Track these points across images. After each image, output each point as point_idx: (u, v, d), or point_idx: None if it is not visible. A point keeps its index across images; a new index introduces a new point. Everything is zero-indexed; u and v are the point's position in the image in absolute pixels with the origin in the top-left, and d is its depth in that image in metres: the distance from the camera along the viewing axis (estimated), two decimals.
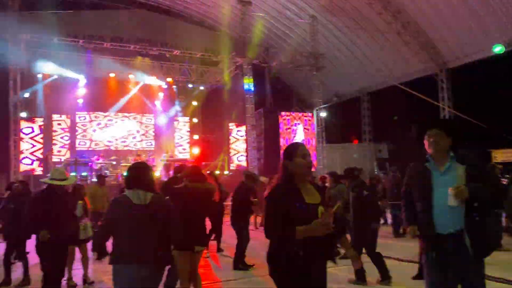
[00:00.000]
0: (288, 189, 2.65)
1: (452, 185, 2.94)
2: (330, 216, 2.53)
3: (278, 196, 2.64)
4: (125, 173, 15.99)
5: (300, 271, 2.54)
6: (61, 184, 4.80)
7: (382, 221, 12.00)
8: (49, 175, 5.06)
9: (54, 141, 18.15)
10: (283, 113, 19.39)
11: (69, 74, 18.79)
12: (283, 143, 18.77)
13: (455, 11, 15.60)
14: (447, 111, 17.79)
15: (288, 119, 19.46)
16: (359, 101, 22.75)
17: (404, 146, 19.56)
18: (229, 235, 9.13)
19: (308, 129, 19.80)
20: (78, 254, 6.36)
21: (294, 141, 18.82)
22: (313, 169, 19.03)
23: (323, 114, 19.81)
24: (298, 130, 19.54)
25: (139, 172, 3.50)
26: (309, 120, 19.91)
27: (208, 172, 7.12)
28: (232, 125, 19.68)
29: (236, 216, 7.26)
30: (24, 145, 15.75)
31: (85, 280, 6.29)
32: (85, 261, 6.38)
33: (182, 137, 21.48)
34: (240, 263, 6.99)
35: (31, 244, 5.27)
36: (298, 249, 2.52)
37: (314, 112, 19.86)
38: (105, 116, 20.04)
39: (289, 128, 19.26)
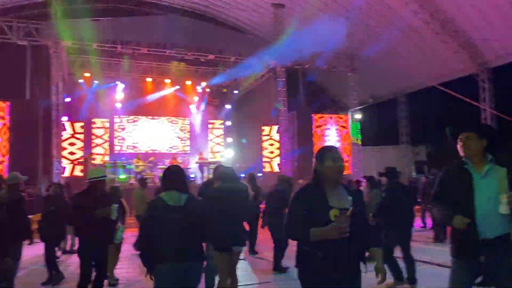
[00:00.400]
0: (313, 191, 2.65)
1: (495, 188, 2.85)
2: (345, 220, 2.49)
3: (302, 198, 2.66)
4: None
5: (324, 275, 2.52)
6: (103, 180, 4.90)
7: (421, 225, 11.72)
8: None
9: (93, 144, 18.78)
10: (316, 115, 19.22)
11: (108, 79, 19.45)
12: (316, 145, 18.61)
13: (497, 8, 15.02)
14: (488, 112, 17.12)
15: (322, 121, 19.27)
16: (395, 103, 22.26)
17: (443, 149, 19.02)
18: (260, 238, 9.17)
19: (342, 132, 19.54)
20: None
21: (328, 143, 18.64)
22: (348, 173, 18.78)
23: (358, 116, 19.50)
24: (332, 132, 19.32)
25: (174, 174, 3.62)
26: (344, 122, 19.64)
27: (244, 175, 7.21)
28: (265, 128, 19.72)
29: (272, 219, 7.24)
30: (65, 149, 16.36)
31: (109, 278, 6.46)
32: (114, 260, 6.56)
33: (216, 140, 21.75)
34: (277, 265, 6.97)
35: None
36: (316, 251, 2.50)
37: (349, 114, 19.59)
38: (142, 120, 20.56)
39: (322, 130, 19.08)
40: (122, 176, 16.84)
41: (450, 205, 3.03)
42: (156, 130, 20.77)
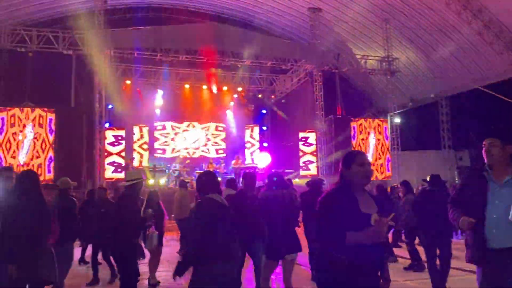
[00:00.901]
0: (343, 196, 2.63)
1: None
2: (384, 225, 2.45)
3: (332, 202, 2.63)
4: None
5: (350, 281, 2.49)
6: (140, 182, 4.98)
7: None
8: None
9: (134, 149, 19.28)
10: (355, 119, 18.93)
11: (148, 86, 20.01)
12: (355, 150, 18.32)
13: None
14: None
15: (360, 125, 18.96)
16: (437, 106, 21.62)
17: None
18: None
19: (381, 136, 19.15)
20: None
21: (367, 148, 18.33)
22: (388, 178, 18.38)
23: (398, 120, 19.07)
24: (371, 136, 18.97)
25: (214, 179, 3.78)
26: (383, 126, 19.24)
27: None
28: (302, 133, 19.61)
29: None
30: (108, 154, 16.87)
31: (150, 280, 6.58)
32: (155, 262, 6.69)
33: (252, 145, 21.85)
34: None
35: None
36: (344, 257, 2.47)
37: (388, 118, 19.19)
38: (180, 125, 20.97)
39: (361, 135, 18.77)
40: (162, 181, 17.19)
41: (464, 210, 2.99)
42: (194, 135, 21.12)
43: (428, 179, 6.34)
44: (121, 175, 17.00)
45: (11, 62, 15.06)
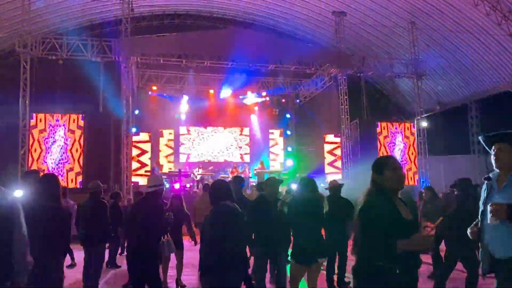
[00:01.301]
0: (385, 204, 2.56)
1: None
2: (432, 231, 2.42)
3: (376, 212, 2.54)
4: None
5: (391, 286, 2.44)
6: (161, 188, 5.07)
7: None
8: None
9: (160, 154, 19.59)
10: (380, 123, 18.68)
11: (173, 91, 20.33)
12: (381, 154, 18.08)
13: None
14: None
15: (386, 129, 18.70)
16: (465, 109, 21.10)
17: None
18: None
19: (408, 140, 18.82)
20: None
21: (393, 152, 18.03)
22: (415, 183, 18.03)
23: (425, 124, 18.70)
24: (397, 141, 18.67)
25: (227, 186, 3.94)
26: (410, 130, 18.91)
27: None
28: (327, 137, 19.50)
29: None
30: (134, 158, 17.19)
31: (177, 283, 6.67)
32: (179, 266, 6.77)
33: (276, 149, 21.86)
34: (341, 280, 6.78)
35: None
36: (393, 265, 2.41)
37: (415, 122, 18.84)
38: (205, 130, 21.18)
39: (387, 139, 18.50)
40: (186, 185, 17.37)
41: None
42: (218, 140, 21.29)
43: (455, 183, 6.15)
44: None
45: (43, 69, 15.51)
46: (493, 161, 2.95)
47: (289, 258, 4.84)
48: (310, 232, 4.53)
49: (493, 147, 2.98)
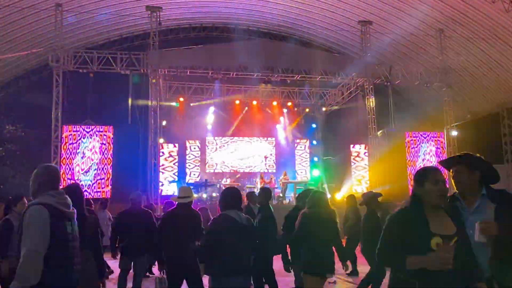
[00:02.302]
0: (413, 215, 2.47)
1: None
2: (449, 250, 2.28)
3: (399, 221, 2.49)
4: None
5: None
6: (186, 201, 5.22)
7: None
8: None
9: (187, 164, 19.78)
10: (409, 133, 18.34)
11: (200, 102, 20.58)
12: (409, 165, 17.74)
13: None
14: None
15: (415, 138, 18.34)
16: (497, 118, 20.49)
17: None
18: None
19: (438, 150, 18.39)
20: None
21: (423, 163, 17.65)
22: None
23: (455, 133, 18.25)
24: (427, 151, 18.28)
25: (236, 194, 3.91)
26: (440, 140, 18.49)
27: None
28: (354, 147, 19.28)
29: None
30: (162, 169, 17.41)
31: None
32: None
33: (302, 159, 21.74)
34: None
35: None
36: (414, 280, 2.32)
37: (445, 131, 18.42)
38: (231, 140, 21.28)
39: (416, 148, 18.14)
40: (214, 195, 17.44)
41: None
42: (245, 150, 21.33)
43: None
44: (175, 190, 17.48)
45: (74, 82, 15.99)
46: (454, 185, 2.94)
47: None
48: (319, 247, 4.65)
49: (451, 171, 2.96)
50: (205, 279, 3.95)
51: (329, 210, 4.95)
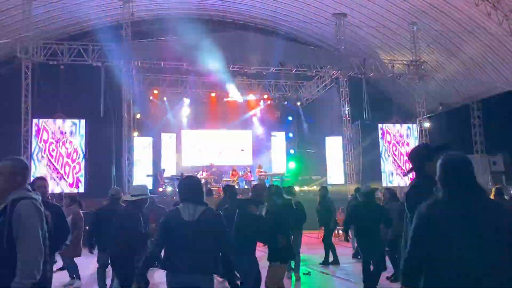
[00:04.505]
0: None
1: None
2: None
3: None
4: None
5: None
6: (145, 198, 5.00)
7: None
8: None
9: (162, 158, 19.57)
10: (382, 124, 18.64)
11: (175, 95, 20.35)
12: (383, 155, 18.04)
13: None
14: None
15: (388, 130, 18.65)
16: (468, 110, 21.00)
17: None
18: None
19: (410, 141, 18.77)
20: None
21: (395, 153, 17.97)
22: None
23: (427, 124, 18.63)
24: (399, 141, 18.63)
25: (191, 185, 3.52)
26: (412, 131, 18.87)
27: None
28: (328, 139, 19.46)
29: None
30: (136, 162, 17.19)
31: None
32: None
33: (278, 152, 21.81)
34: None
35: None
36: None
37: (417, 123, 18.78)
38: (207, 133, 21.16)
39: (388, 140, 18.44)
40: None
41: None
42: (220, 143, 21.22)
43: None
44: (149, 183, 17.30)
45: (44, 75, 15.57)
46: None
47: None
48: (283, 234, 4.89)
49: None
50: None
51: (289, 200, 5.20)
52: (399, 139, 18.67)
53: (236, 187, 17.08)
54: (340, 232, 11.35)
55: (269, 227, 4.81)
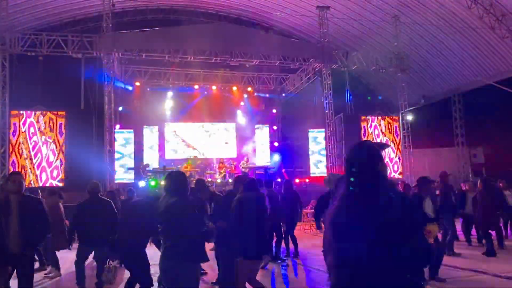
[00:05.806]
0: None
1: None
2: None
3: None
4: (209, 179, 16.59)
5: None
6: None
7: None
8: None
9: (144, 151, 19.40)
10: (364, 117, 18.76)
11: (157, 87, 20.15)
12: None
13: None
14: None
15: (371, 123, 18.79)
16: (449, 103, 21.24)
17: (503, 150, 17.91)
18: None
19: (392, 134, 18.95)
20: None
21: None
22: (400, 176, 18.16)
23: (409, 117, 18.81)
24: (381, 134, 18.79)
25: (176, 180, 3.88)
26: (394, 124, 19.04)
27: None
28: (311, 131, 19.51)
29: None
30: (118, 155, 17.03)
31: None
32: None
33: (262, 144, 21.81)
34: None
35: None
36: None
37: (400, 115, 18.94)
38: (190, 126, 21.03)
39: (372, 133, 18.59)
40: None
41: None
42: (204, 136, 21.13)
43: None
44: (132, 177, 17.17)
45: (22, 66, 15.27)
46: None
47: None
48: (256, 230, 4.73)
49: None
50: None
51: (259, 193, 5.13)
52: (382, 132, 18.83)
53: (225, 180, 17.18)
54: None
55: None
